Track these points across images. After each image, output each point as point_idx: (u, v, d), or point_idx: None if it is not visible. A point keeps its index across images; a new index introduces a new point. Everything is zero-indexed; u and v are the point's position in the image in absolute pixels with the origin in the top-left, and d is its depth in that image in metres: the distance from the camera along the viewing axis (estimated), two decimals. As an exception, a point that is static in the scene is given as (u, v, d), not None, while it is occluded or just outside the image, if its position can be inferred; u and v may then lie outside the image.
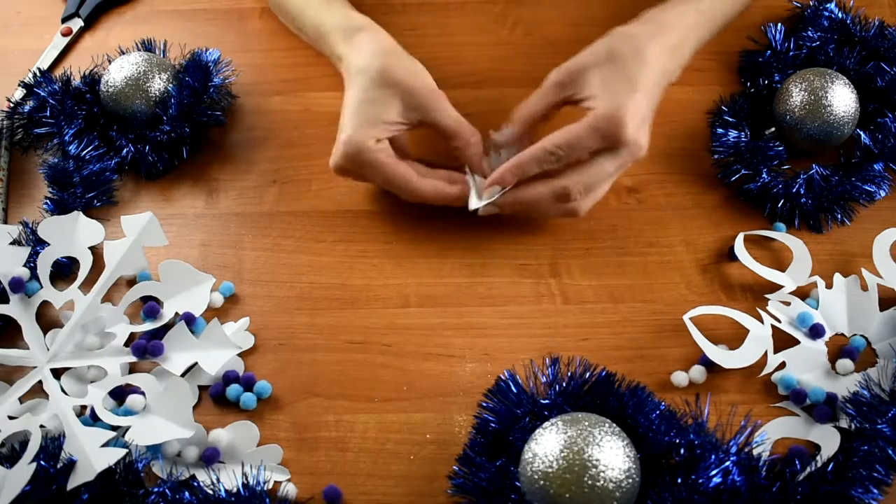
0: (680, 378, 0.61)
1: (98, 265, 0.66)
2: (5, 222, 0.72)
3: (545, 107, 0.67)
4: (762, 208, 0.69)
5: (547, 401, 0.55)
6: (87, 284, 0.65)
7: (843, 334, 0.63)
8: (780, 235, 0.67)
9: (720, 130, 0.71)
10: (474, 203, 0.66)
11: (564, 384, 0.56)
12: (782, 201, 0.68)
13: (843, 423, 0.58)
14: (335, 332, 0.65)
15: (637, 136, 0.64)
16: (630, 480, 0.51)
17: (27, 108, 0.75)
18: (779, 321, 0.63)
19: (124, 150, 0.72)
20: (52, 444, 0.56)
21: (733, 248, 0.66)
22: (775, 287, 0.65)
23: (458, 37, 0.81)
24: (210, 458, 0.58)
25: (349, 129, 0.65)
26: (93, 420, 0.59)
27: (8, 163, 0.75)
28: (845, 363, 0.61)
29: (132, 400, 0.59)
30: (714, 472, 0.51)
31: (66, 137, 0.72)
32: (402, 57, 0.67)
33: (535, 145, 0.64)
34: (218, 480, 0.56)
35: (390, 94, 0.65)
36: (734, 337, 0.62)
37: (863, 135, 0.70)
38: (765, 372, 0.61)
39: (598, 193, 0.66)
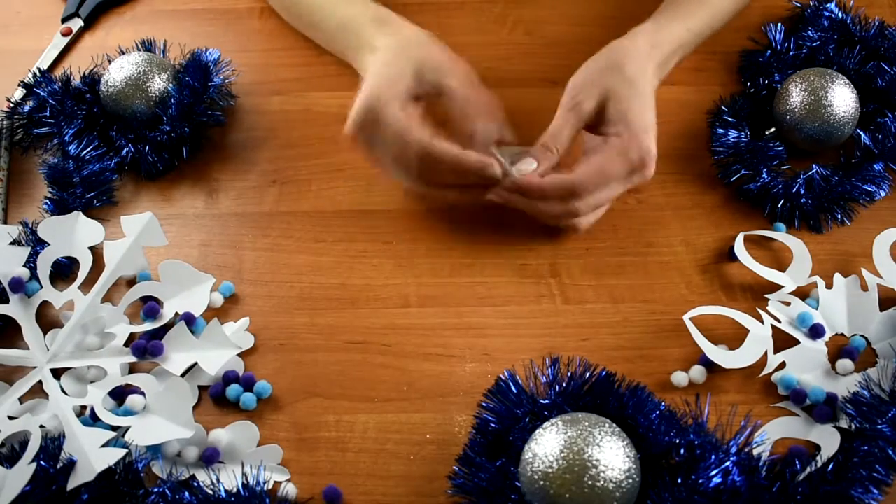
0: (680, 378, 0.61)
1: (98, 265, 0.66)
2: (5, 222, 0.72)
3: (571, 138, 0.65)
4: (762, 208, 0.69)
5: (547, 401, 0.55)
6: (87, 284, 0.65)
7: (843, 334, 0.63)
8: (780, 235, 0.67)
9: (720, 130, 0.71)
10: (516, 168, 0.64)
11: (564, 384, 0.56)
12: (782, 201, 0.68)
13: (843, 424, 0.58)
14: (335, 332, 0.65)
15: (651, 166, 0.64)
16: (630, 481, 0.51)
17: (27, 108, 0.75)
18: (779, 321, 0.63)
19: (124, 150, 0.72)
20: (52, 444, 0.56)
21: (733, 248, 0.66)
22: (775, 287, 0.65)
23: (458, 37, 0.81)
24: (210, 458, 0.58)
25: (367, 89, 0.64)
26: (93, 420, 0.59)
27: (8, 163, 0.75)
28: (845, 363, 0.61)
29: (132, 400, 0.59)
30: (714, 472, 0.51)
31: (66, 137, 0.72)
32: (430, 38, 0.68)
33: (570, 176, 0.63)
34: (218, 480, 0.56)
35: (410, 60, 0.66)
36: (734, 337, 0.62)
37: (863, 135, 0.70)
38: (765, 372, 0.61)
39: (601, 211, 0.67)
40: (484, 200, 0.65)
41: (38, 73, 0.77)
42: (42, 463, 0.55)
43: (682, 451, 0.52)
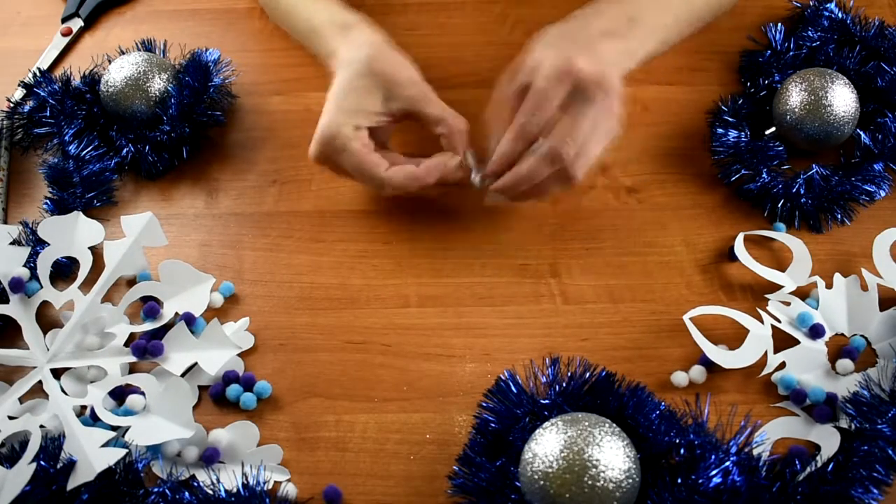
0: (680, 378, 0.61)
1: (98, 265, 0.66)
2: (5, 222, 0.72)
3: (505, 105, 0.66)
4: (762, 208, 0.69)
5: (547, 401, 0.55)
6: (87, 284, 0.65)
7: (843, 334, 0.63)
8: (780, 235, 0.67)
9: (720, 130, 0.71)
10: (476, 178, 0.66)
11: (564, 384, 0.56)
12: (782, 201, 0.68)
13: (843, 423, 0.58)
14: (335, 332, 0.65)
15: (602, 73, 0.62)
16: (630, 480, 0.51)
17: (27, 108, 0.75)
18: (779, 321, 0.63)
19: (124, 150, 0.72)
20: (52, 444, 0.56)
21: (733, 248, 0.66)
22: (775, 287, 0.65)
23: (458, 37, 0.81)
24: (210, 458, 0.58)
25: (328, 115, 0.65)
26: (93, 420, 0.59)
27: (8, 163, 0.75)
28: (845, 363, 0.61)
29: (132, 400, 0.59)
30: (714, 472, 0.51)
31: (66, 137, 0.72)
32: (389, 50, 0.67)
33: (511, 126, 0.64)
34: (218, 480, 0.56)
35: (374, 83, 0.65)
36: (734, 337, 0.62)
37: (863, 135, 0.70)
38: (765, 372, 0.61)
39: (590, 152, 0.63)
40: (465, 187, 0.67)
41: (38, 73, 0.77)
42: (42, 463, 0.55)
43: (682, 451, 0.52)
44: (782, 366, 0.61)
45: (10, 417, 0.59)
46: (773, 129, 0.72)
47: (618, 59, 0.66)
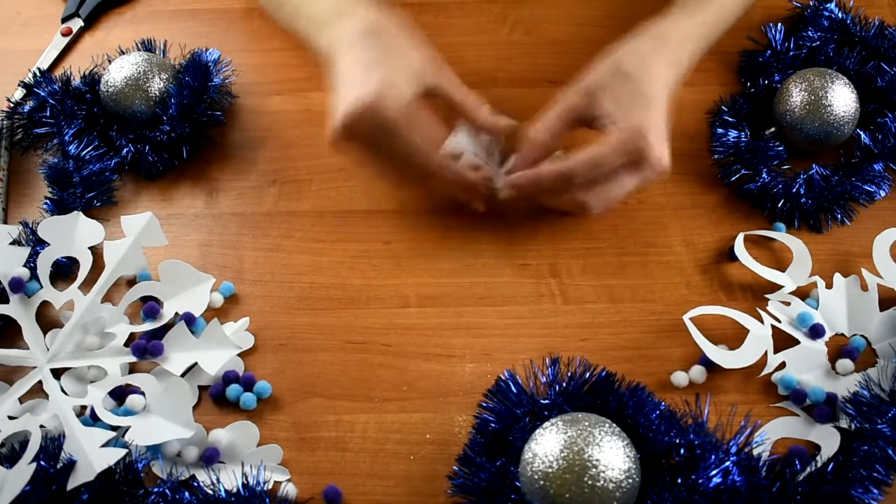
0: (680, 378, 0.61)
1: (98, 265, 0.66)
2: (5, 222, 0.72)
3: (560, 130, 0.66)
4: (762, 208, 0.69)
5: (547, 401, 0.55)
6: (87, 284, 0.65)
7: (843, 334, 0.63)
8: (780, 235, 0.67)
9: (720, 130, 0.71)
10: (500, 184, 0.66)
11: (564, 384, 0.56)
12: (782, 201, 0.68)
13: (843, 423, 0.58)
14: (335, 332, 0.65)
15: (661, 151, 0.63)
16: (630, 480, 0.51)
17: (27, 108, 0.75)
18: (779, 321, 0.63)
19: (124, 150, 0.72)
20: (52, 444, 0.56)
21: (733, 248, 0.66)
22: (775, 287, 0.65)
23: (458, 37, 0.81)
24: (210, 458, 0.58)
25: (367, 86, 0.60)
26: (93, 420, 0.59)
27: (8, 163, 0.75)
28: (845, 363, 0.61)
29: (132, 400, 0.59)
30: (714, 472, 0.51)
31: (66, 137, 0.72)
32: (402, 27, 0.66)
33: (562, 165, 0.63)
34: (218, 480, 0.56)
35: (397, 58, 0.63)
36: (734, 337, 0.62)
37: (863, 135, 0.70)
38: (765, 372, 0.61)
39: (614, 193, 0.65)
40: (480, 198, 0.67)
41: (38, 73, 0.77)
42: (42, 463, 0.55)
43: (682, 451, 0.52)
44: (782, 366, 0.61)
45: (10, 417, 0.59)
46: (773, 129, 0.72)
47: (667, 77, 0.66)
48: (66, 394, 0.61)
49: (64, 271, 0.68)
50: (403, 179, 0.67)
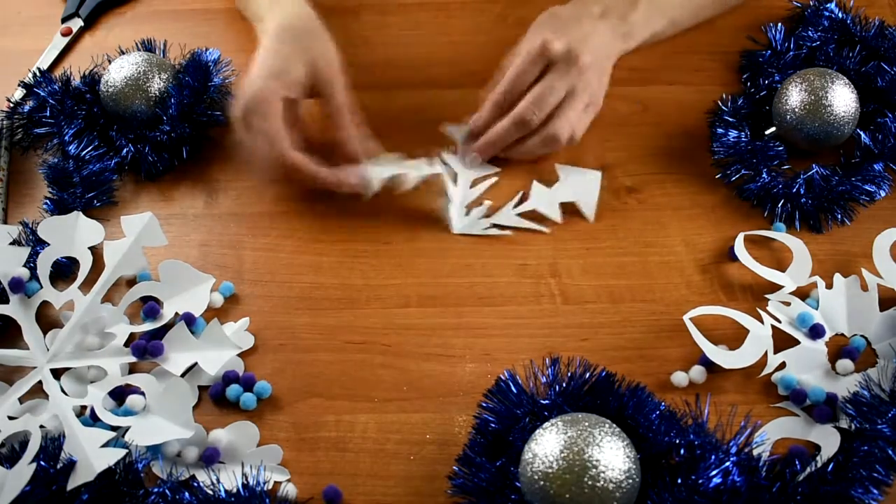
0: (680, 378, 0.61)
1: (98, 265, 0.66)
2: (5, 222, 0.72)
3: (509, 86, 0.70)
4: (762, 208, 0.69)
5: (547, 401, 0.55)
6: (87, 284, 0.65)
7: (843, 334, 0.63)
8: (780, 235, 0.67)
9: (720, 130, 0.71)
10: (457, 223, 0.69)
11: (564, 384, 0.56)
12: (782, 201, 0.68)
13: (843, 424, 0.58)
14: (335, 332, 0.65)
15: (570, 49, 0.68)
16: (630, 481, 0.51)
17: (27, 108, 0.75)
18: (779, 321, 0.63)
19: (124, 150, 0.72)
20: (52, 444, 0.56)
21: (733, 248, 0.66)
22: (775, 287, 0.65)
23: (458, 37, 0.81)
24: (210, 458, 0.58)
25: (260, 78, 0.66)
26: (93, 420, 0.59)
27: (8, 163, 0.75)
28: (845, 363, 0.61)
29: (132, 400, 0.59)
30: (714, 472, 0.51)
31: (66, 137, 0.72)
32: (318, 27, 0.70)
33: (511, 114, 0.68)
34: (218, 481, 0.56)
35: (299, 54, 0.67)
36: (734, 337, 0.62)
37: (863, 135, 0.70)
38: (765, 372, 0.61)
39: (569, 113, 0.69)
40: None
41: (38, 73, 0.77)
42: (42, 463, 0.55)
43: (682, 451, 0.52)
44: (782, 366, 0.61)
45: (10, 417, 0.59)
46: (773, 129, 0.72)
47: (610, 39, 0.71)
48: (66, 394, 0.61)
49: (64, 271, 0.68)
50: (269, 172, 0.70)
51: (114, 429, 0.58)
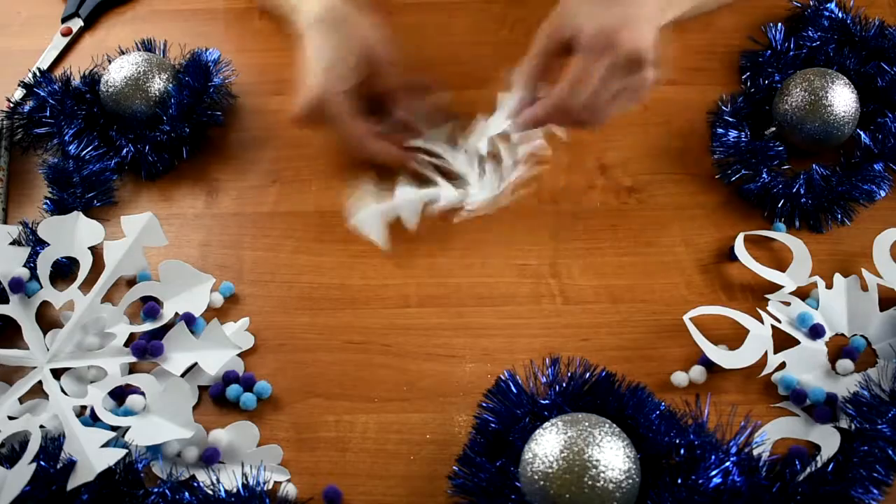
0: (680, 378, 0.61)
1: (98, 265, 0.66)
2: (5, 222, 0.72)
3: (541, 63, 0.67)
4: (762, 208, 0.69)
5: (547, 401, 0.55)
6: (87, 284, 0.65)
7: (843, 334, 0.63)
8: (780, 235, 0.67)
9: (720, 130, 0.71)
10: (476, 194, 0.69)
11: (564, 384, 0.56)
12: (782, 201, 0.68)
13: (843, 424, 0.58)
14: (335, 332, 0.65)
15: (640, 50, 0.63)
16: (630, 481, 0.51)
17: (27, 108, 0.75)
18: (779, 321, 0.63)
19: (124, 150, 0.72)
20: (52, 444, 0.56)
21: (733, 248, 0.66)
22: (775, 287, 0.65)
23: (458, 37, 0.81)
24: (210, 458, 0.58)
25: (317, 79, 0.66)
26: (93, 420, 0.59)
27: (8, 163, 0.75)
28: (845, 363, 0.61)
29: (132, 400, 0.59)
30: (714, 472, 0.51)
31: (66, 137, 0.72)
32: (352, 11, 0.69)
33: (551, 95, 0.65)
34: (218, 481, 0.56)
35: (344, 40, 0.67)
36: (734, 337, 0.62)
37: (863, 135, 0.70)
38: (765, 372, 0.61)
39: (607, 108, 0.65)
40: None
41: (38, 73, 0.77)
42: (42, 463, 0.55)
43: (682, 451, 0.52)
44: (782, 366, 0.61)
45: (10, 417, 0.59)
46: (773, 129, 0.72)
47: (657, 14, 0.66)
48: (66, 394, 0.61)
49: (64, 271, 0.68)
50: (351, 152, 0.71)
51: (114, 429, 0.58)
